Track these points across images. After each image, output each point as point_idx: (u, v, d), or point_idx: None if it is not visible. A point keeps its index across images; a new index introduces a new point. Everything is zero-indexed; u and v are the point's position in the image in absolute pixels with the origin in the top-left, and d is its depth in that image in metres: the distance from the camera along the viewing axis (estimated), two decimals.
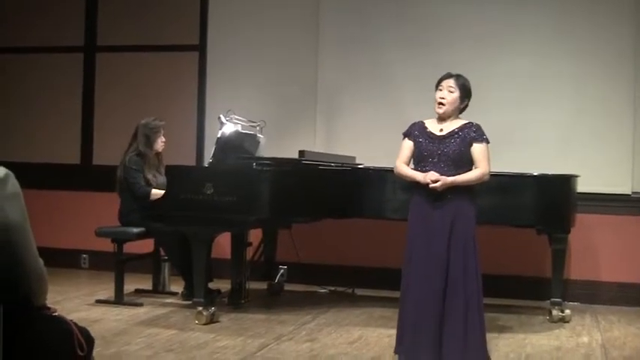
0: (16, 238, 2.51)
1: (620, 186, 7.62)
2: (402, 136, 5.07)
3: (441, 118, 4.97)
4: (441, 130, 4.94)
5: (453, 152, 4.86)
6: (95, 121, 9.07)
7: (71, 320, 2.85)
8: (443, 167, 4.84)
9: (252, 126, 7.31)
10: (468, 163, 4.91)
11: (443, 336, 4.77)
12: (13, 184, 2.53)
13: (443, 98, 4.93)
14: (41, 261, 2.64)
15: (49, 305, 2.77)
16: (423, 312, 4.79)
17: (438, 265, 4.79)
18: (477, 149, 4.90)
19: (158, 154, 7.26)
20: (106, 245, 7.25)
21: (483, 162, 4.91)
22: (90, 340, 2.90)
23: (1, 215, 2.47)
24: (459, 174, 4.84)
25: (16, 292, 2.52)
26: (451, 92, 4.93)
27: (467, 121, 4.99)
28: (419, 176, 4.85)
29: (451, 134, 4.90)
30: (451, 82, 4.95)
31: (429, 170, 4.84)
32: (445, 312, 4.79)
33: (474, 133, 4.91)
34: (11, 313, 2.42)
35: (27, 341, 2.55)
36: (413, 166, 5.03)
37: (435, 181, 4.76)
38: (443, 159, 4.86)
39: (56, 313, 2.80)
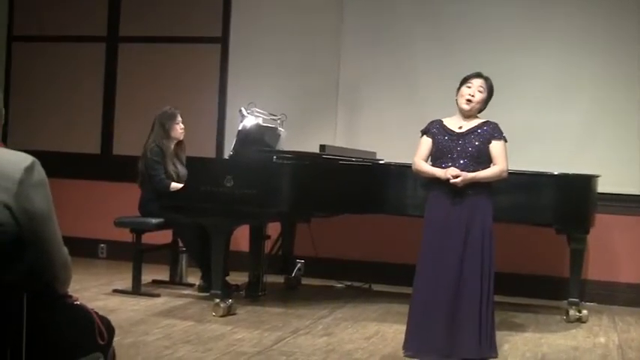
0: (42, 226, 2.52)
1: (638, 186, 7.58)
2: (420, 134, 5.09)
3: (464, 115, 4.99)
4: (460, 127, 4.97)
5: (472, 149, 4.89)
6: (116, 112, 9.10)
7: (92, 309, 2.87)
8: (462, 163, 4.86)
9: (273, 119, 7.31)
10: (486, 161, 4.94)
11: (456, 330, 4.78)
12: (39, 172, 2.54)
13: (472, 96, 4.95)
14: (66, 249, 2.66)
15: (70, 294, 2.79)
16: (436, 308, 4.82)
17: (454, 261, 4.81)
18: (496, 146, 4.93)
19: (179, 142, 7.27)
20: (124, 235, 7.29)
21: (501, 159, 4.93)
22: (110, 330, 2.92)
23: (26, 203, 2.48)
24: (476, 168, 4.86)
25: (40, 279, 2.53)
26: (480, 92, 4.97)
27: (485, 120, 5.02)
28: (439, 172, 4.86)
29: (470, 131, 4.93)
30: (482, 82, 4.99)
31: (449, 166, 4.86)
32: (459, 308, 4.80)
33: (492, 131, 4.94)
34: (35, 301, 2.43)
35: (50, 328, 2.56)
36: (431, 163, 5.03)
37: (456, 177, 4.77)
38: (462, 155, 4.88)
39: (78, 302, 2.82)
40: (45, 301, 2.54)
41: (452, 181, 4.77)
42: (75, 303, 2.79)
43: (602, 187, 6.84)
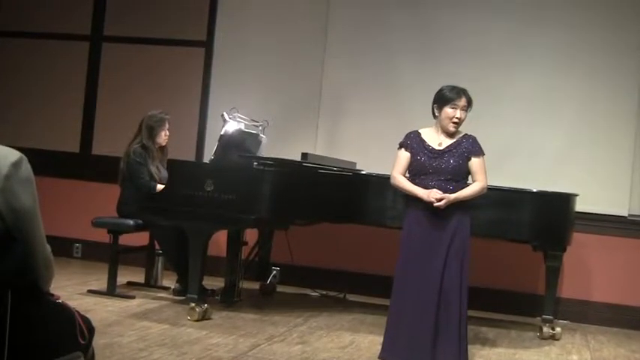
0: (27, 222, 2.51)
1: (617, 207, 7.64)
2: (398, 146, 5.11)
3: (445, 133, 5.01)
4: (440, 144, 4.99)
5: (451, 167, 4.93)
6: (97, 111, 9.06)
7: (74, 308, 2.85)
8: (441, 180, 4.90)
9: (254, 125, 7.31)
10: (465, 176, 5.01)
11: (437, 346, 4.79)
12: (27, 168, 2.53)
13: (459, 119, 4.97)
14: (49, 247, 2.64)
15: (51, 292, 2.77)
16: (418, 323, 4.82)
17: (434, 278, 4.83)
18: (475, 163, 4.98)
19: (162, 147, 7.25)
20: (100, 236, 7.27)
21: (481, 175, 4.99)
22: (91, 329, 2.90)
23: (13, 199, 2.46)
24: (459, 186, 4.91)
25: (24, 276, 2.51)
26: (464, 111, 5.00)
27: (463, 134, 5.05)
28: (421, 193, 4.87)
29: (449, 149, 4.96)
30: (465, 101, 5.00)
31: (427, 182, 4.90)
32: (439, 323, 4.82)
33: (471, 147, 4.98)
34: (18, 297, 2.41)
35: (32, 325, 2.54)
36: (409, 176, 5.06)
37: (439, 200, 4.80)
38: (441, 172, 4.92)
39: (60, 300, 2.80)
40: (28, 297, 2.52)
41: (435, 204, 4.80)
42: (57, 301, 2.77)
43: (580, 206, 6.88)
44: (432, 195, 4.81)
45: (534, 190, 6.61)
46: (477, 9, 8.02)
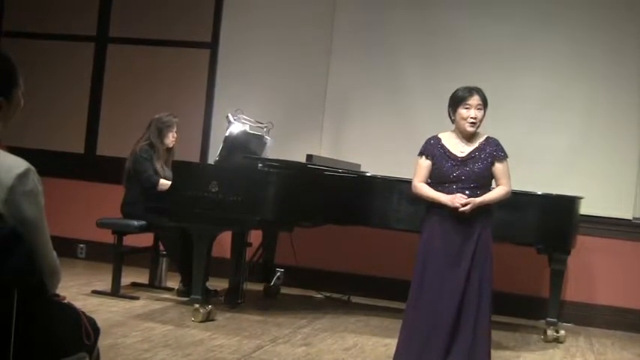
0: (31, 234, 2.50)
1: (622, 211, 7.64)
2: (419, 154, 4.91)
3: (465, 137, 4.84)
4: (462, 151, 4.80)
5: (475, 174, 4.75)
6: (102, 112, 9.06)
7: (80, 309, 2.85)
8: (465, 187, 4.72)
9: (259, 127, 7.31)
10: (489, 181, 4.85)
11: (451, 352, 4.69)
12: (33, 180, 2.53)
13: (475, 118, 4.78)
14: (54, 254, 2.65)
15: (57, 293, 2.78)
16: (437, 328, 4.68)
17: (458, 284, 4.69)
18: (499, 168, 4.81)
19: (169, 149, 7.26)
20: (104, 236, 7.27)
21: (506, 179, 4.83)
22: (96, 330, 2.91)
23: (15, 211, 2.47)
24: (483, 192, 4.75)
25: (29, 276, 2.51)
26: (480, 110, 4.80)
27: (485, 137, 4.88)
28: (445, 199, 4.69)
29: (472, 155, 4.79)
30: (478, 99, 4.81)
31: (450, 190, 4.72)
32: (454, 335, 4.70)
33: (495, 152, 4.82)
34: (25, 297, 2.41)
35: (38, 326, 2.55)
36: (430, 184, 4.86)
37: (464, 205, 4.65)
38: (465, 180, 4.73)
39: (65, 301, 2.81)
40: (34, 298, 2.52)
41: (461, 209, 4.64)
42: (63, 302, 2.77)
43: (585, 209, 6.88)
44: (457, 200, 4.65)
45: (539, 193, 6.60)
46: (482, 13, 8.01)
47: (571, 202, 6.69)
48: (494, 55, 7.93)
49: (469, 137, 4.84)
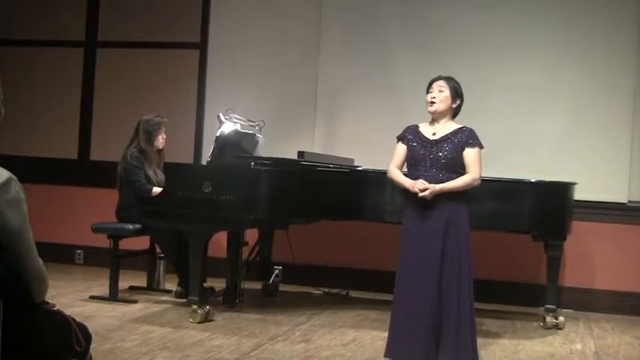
0: (14, 242, 2.51)
1: (617, 194, 7.64)
2: (396, 140, 5.07)
3: (434, 120, 4.97)
4: (434, 134, 4.93)
5: (445, 157, 4.85)
6: (94, 117, 9.05)
7: (69, 316, 2.85)
8: (435, 172, 4.83)
9: (251, 125, 7.31)
10: (461, 168, 4.89)
11: (438, 340, 4.76)
12: (15, 189, 2.53)
13: (434, 97, 4.95)
14: (40, 261, 2.65)
15: (47, 300, 2.78)
16: (417, 315, 4.77)
17: (432, 267, 4.77)
18: (469, 154, 4.88)
19: (159, 150, 7.26)
20: (101, 241, 7.27)
21: (474, 167, 4.88)
22: (88, 336, 2.91)
23: (0, 221, 2.47)
24: (452, 178, 4.82)
25: (13, 284, 2.51)
26: (441, 92, 4.95)
27: (460, 126, 4.98)
28: (408, 183, 4.85)
29: (444, 139, 4.89)
30: (441, 82, 4.99)
31: (421, 174, 4.84)
32: (439, 317, 4.77)
33: (466, 138, 4.90)
34: (11, 307, 2.42)
35: (26, 334, 2.55)
36: (406, 169, 5.02)
37: (423, 190, 4.76)
38: (435, 164, 4.85)
39: (55, 308, 2.81)
40: (18, 306, 2.52)
41: (420, 194, 4.76)
42: (52, 309, 2.77)
43: (580, 194, 6.88)
44: (417, 185, 4.77)
45: (533, 181, 6.60)
46: (470, 4, 8.01)
47: (565, 188, 6.70)
48: (484, 44, 7.91)
49: (444, 123, 4.97)
